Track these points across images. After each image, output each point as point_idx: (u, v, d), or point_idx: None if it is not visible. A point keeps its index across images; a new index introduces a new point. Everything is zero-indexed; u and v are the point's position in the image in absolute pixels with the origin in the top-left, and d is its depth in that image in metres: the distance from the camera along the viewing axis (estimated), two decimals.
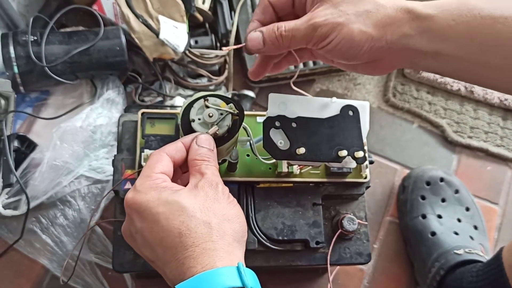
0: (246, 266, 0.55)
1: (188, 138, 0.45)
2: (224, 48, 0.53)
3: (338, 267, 0.76)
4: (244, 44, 0.46)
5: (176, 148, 0.44)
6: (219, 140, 0.47)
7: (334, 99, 0.52)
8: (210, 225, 0.39)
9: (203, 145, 0.44)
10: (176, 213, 0.39)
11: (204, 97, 0.47)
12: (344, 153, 0.49)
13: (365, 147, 0.55)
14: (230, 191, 0.48)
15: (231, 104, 0.47)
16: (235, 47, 0.48)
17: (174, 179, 0.43)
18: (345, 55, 0.42)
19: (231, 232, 0.40)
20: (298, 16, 0.43)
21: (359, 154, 0.50)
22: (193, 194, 0.40)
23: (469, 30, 0.38)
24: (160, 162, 0.42)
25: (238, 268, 0.38)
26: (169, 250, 0.38)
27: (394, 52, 0.41)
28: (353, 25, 0.40)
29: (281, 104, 0.51)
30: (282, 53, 0.48)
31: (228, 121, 0.47)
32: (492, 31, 0.38)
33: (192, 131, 0.46)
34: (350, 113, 0.52)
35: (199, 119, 0.46)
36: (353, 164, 0.53)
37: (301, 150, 0.49)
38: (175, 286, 0.37)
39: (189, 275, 0.37)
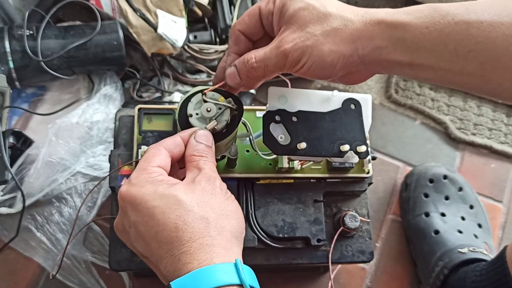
0: (245, 264, 0.55)
1: (186, 132, 0.44)
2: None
3: (339, 265, 0.74)
4: (223, 82, 0.45)
5: (174, 143, 0.43)
6: (217, 135, 0.46)
7: (336, 92, 0.50)
8: (208, 220, 0.38)
9: (201, 141, 0.43)
10: (173, 207, 0.37)
11: (202, 91, 0.46)
12: (346, 147, 0.48)
13: (368, 141, 0.54)
14: (229, 188, 0.47)
15: (230, 99, 0.46)
16: (216, 87, 0.46)
17: (170, 174, 0.42)
18: (320, 75, 0.41)
19: (229, 227, 0.39)
20: (271, 37, 0.43)
21: (362, 148, 0.49)
22: (191, 188, 0.39)
23: (443, 38, 0.37)
24: (157, 156, 0.41)
25: (235, 265, 0.37)
26: (165, 245, 0.37)
27: (368, 64, 0.40)
28: (322, 46, 0.39)
29: (281, 98, 0.50)
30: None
31: (226, 116, 0.46)
32: (467, 36, 0.36)
33: (190, 126, 0.45)
34: (352, 106, 0.50)
35: (196, 114, 0.45)
36: (355, 159, 0.52)
37: (302, 145, 0.47)
38: (170, 283, 0.35)
39: (185, 271, 0.35)
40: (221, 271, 0.35)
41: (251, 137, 0.52)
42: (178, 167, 0.45)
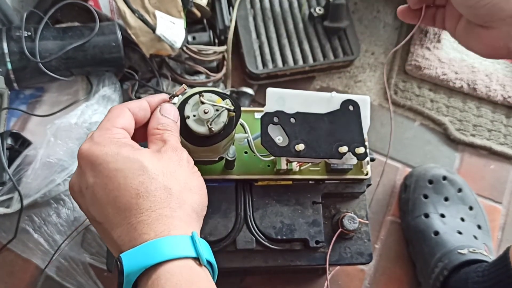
0: (244, 266, 0.54)
1: (155, 98, 0.42)
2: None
3: (337, 267, 0.74)
4: None
5: (140, 106, 0.41)
6: (215, 137, 0.46)
7: (334, 93, 0.50)
8: (171, 190, 0.36)
9: (166, 114, 0.41)
10: (136, 173, 0.35)
11: (199, 92, 0.46)
12: (344, 149, 0.48)
13: (366, 143, 0.54)
14: (227, 190, 0.47)
15: (227, 100, 0.46)
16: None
17: None
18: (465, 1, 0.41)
19: (191, 202, 0.38)
20: None
21: (360, 150, 0.49)
22: (157, 156, 0.38)
23: None
24: (121, 116, 0.39)
25: (192, 238, 0.35)
26: (122, 212, 0.35)
27: None
28: None
29: (280, 99, 0.50)
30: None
31: (224, 118, 0.45)
32: None
33: (187, 128, 0.45)
34: (351, 108, 0.50)
35: (194, 116, 0.45)
36: (354, 161, 0.52)
37: (300, 147, 0.47)
38: (120, 255, 0.34)
39: (140, 241, 0.34)
40: (177, 243, 0.34)
41: (249, 138, 0.52)
42: (136, 140, 0.42)
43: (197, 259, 0.35)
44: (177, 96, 0.45)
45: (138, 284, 0.34)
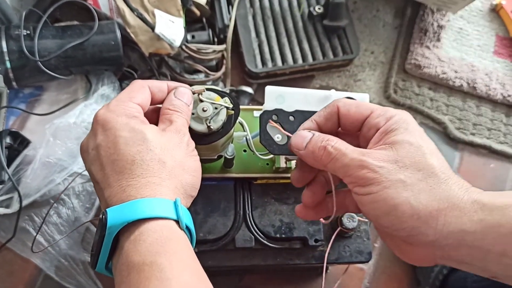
0: (243, 265, 0.54)
1: (173, 84, 0.45)
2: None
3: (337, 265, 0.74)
4: (289, 138, 0.43)
5: (159, 87, 0.44)
6: (214, 135, 0.46)
7: (333, 91, 0.50)
8: (165, 164, 0.39)
9: (180, 97, 0.43)
10: (137, 142, 0.38)
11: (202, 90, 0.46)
12: None
13: None
14: (226, 188, 0.47)
15: (226, 98, 0.46)
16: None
17: None
18: (379, 219, 0.35)
19: (181, 178, 0.40)
20: (358, 144, 0.38)
21: None
22: (160, 133, 0.40)
23: None
24: (141, 92, 0.42)
25: (175, 203, 0.37)
26: (116, 174, 0.38)
27: (441, 247, 0.33)
28: (402, 192, 0.33)
29: (279, 97, 0.49)
30: (314, 172, 0.43)
31: (222, 116, 0.45)
32: None
33: None
34: None
35: (193, 114, 0.45)
36: None
37: None
38: (106, 209, 0.36)
39: (126, 202, 0.36)
40: (160, 205, 0.36)
41: (248, 137, 0.52)
42: (148, 119, 0.44)
43: (177, 222, 0.37)
44: (194, 94, 0.46)
45: (119, 240, 0.36)
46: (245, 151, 0.55)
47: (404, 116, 0.37)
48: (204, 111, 0.45)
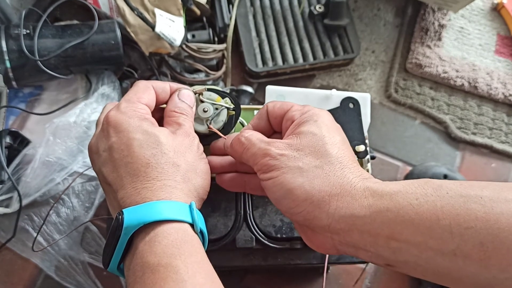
0: (244, 265, 0.54)
1: (175, 85, 0.45)
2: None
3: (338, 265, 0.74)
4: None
5: (163, 88, 0.44)
6: (215, 135, 0.46)
7: (334, 91, 0.50)
8: (179, 167, 0.39)
9: (184, 99, 0.44)
10: (151, 145, 0.39)
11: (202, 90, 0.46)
12: None
13: (366, 141, 0.53)
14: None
15: (227, 98, 0.46)
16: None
17: None
18: (275, 198, 0.38)
19: (194, 182, 0.40)
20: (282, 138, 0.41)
21: (360, 148, 0.48)
22: (171, 136, 0.41)
23: (435, 211, 0.32)
24: (147, 93, 0.43)
25: (190, 206, 0.38)
26: (130, 176, 0.38)
27: (335, 231, 0.35)
28: (298, 177, 0.36)
29: (279, 97, 0.49)
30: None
31: (223, 116, 0.45)
32: (465, 210, 0.31)
33: None
34: (351, 105, 0.50)
35: None
36: None
37: None
38: (123, 209, 0.36)
39: (142, 204, 0.37)
40: (176, 208, 0.37)
41: None
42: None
43: (192, 225, 0.38)
44: (195, 94, 0.46)
45: (133, 241, 0.37)
46: None
47: (318, 112, 0.40)
48: (205, 111, 0.45)
